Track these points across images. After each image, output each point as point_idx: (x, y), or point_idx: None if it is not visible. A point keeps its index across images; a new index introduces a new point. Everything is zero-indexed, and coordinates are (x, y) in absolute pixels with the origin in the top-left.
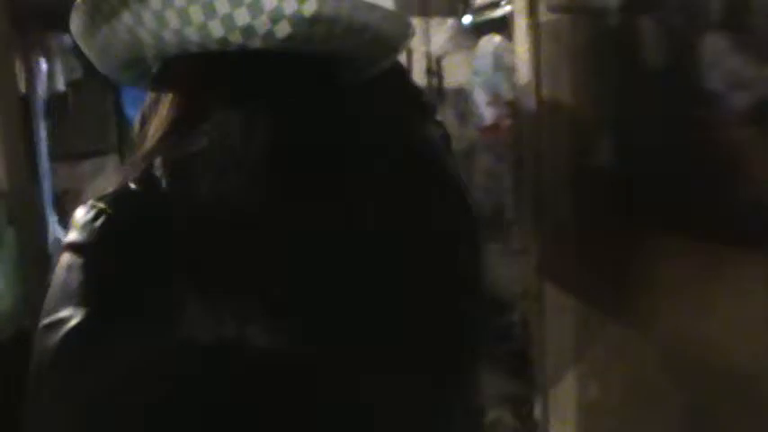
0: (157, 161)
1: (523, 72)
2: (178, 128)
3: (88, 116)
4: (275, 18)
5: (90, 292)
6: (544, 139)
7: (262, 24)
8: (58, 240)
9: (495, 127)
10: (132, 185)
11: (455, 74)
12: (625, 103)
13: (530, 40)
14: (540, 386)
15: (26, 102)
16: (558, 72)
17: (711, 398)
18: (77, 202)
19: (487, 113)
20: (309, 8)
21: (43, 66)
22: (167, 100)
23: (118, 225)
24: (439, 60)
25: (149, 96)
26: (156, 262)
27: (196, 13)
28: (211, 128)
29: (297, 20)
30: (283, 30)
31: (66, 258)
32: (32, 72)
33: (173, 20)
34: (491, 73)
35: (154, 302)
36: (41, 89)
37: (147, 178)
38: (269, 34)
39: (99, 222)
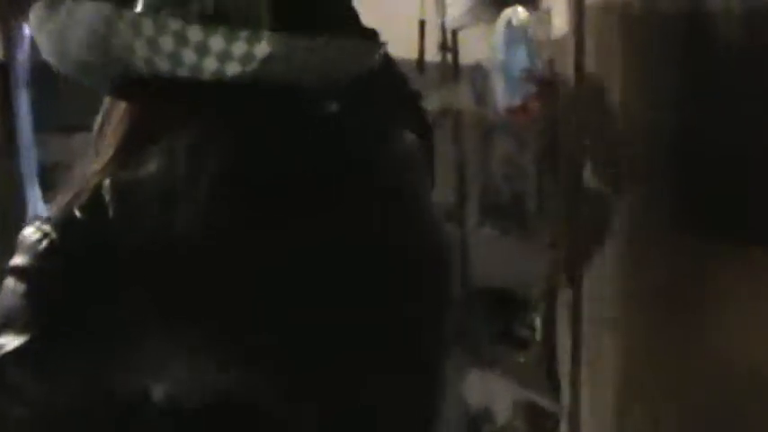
0: (106, 183)
1: (562, 48)
2: (130, 145)
3: (81, 86)
4: (223, 59)
5: (31, 317)
6: (585, 125)
7: (209, 64)
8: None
9: (522, 108)
10: (78, 212)
11: (473, 49)
12: (691, 87)
13: (571, 11)
14: (571, 400)
15: (5, 70)
16: (606, 49)
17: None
18: (66, 177)
19: (510, 94)
20: (261, 50)
21: (26, 31)
22: (122, 111)
23: (62, 251)
24: (455, 34)
25: (106, 102)
26: (100, 291)
27: (142, 48)
28: (159, 152)
29: (247, 61)
30: (233, 69)
31: (9, 282)
32: (12, 38)
33: (118, 48)
34: (514, 49)
35: (95, 331)
36: (23, 56)
37: (93, 203)
38: (218, 72)
39: (43, 247)
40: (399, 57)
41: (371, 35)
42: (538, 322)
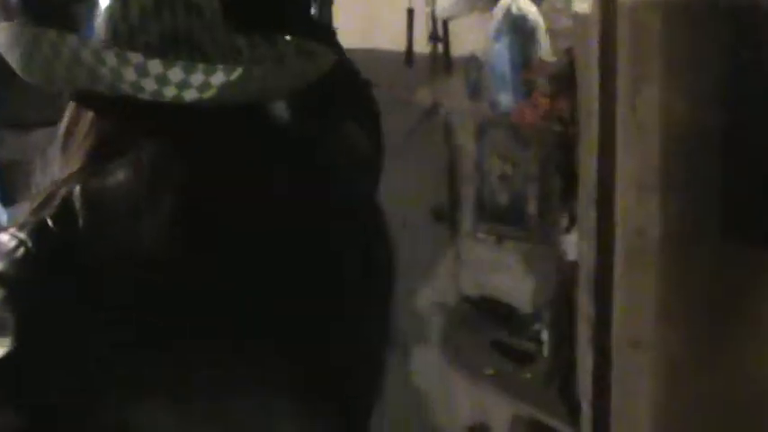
0: (76, 191)
1: (583, 35)
2: (98, 156)
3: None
4: (182, 87)
5: (10, 322)
6: (614, 125)
7: (169, 91)
8: None
9: (531, 105)
10: (49, 220)
11: (466, 40)
12: (740, 85)
13: None
14: (595, 426)
15: None
16: (642, 40)
17: None
18: (24, 173)
19: (498, 88)
20: (217, 80)
21: None
22: (89, 121)
23: (37, 259)
24: (446, 24)
25: (72, 107)
26: (72, 299)
27: (105, 75)
28: (127, 164)
29: (205, 89)
30: (191, 96)
31: None
32: None
33: (83, 74)
34: (506, 40)
35: (69, 337)
36: None
37: (64, 211)
38: (177, 98)
39: (19, 255)
40: (386, 48)
41: (327, 36)
42: (545, 336)
